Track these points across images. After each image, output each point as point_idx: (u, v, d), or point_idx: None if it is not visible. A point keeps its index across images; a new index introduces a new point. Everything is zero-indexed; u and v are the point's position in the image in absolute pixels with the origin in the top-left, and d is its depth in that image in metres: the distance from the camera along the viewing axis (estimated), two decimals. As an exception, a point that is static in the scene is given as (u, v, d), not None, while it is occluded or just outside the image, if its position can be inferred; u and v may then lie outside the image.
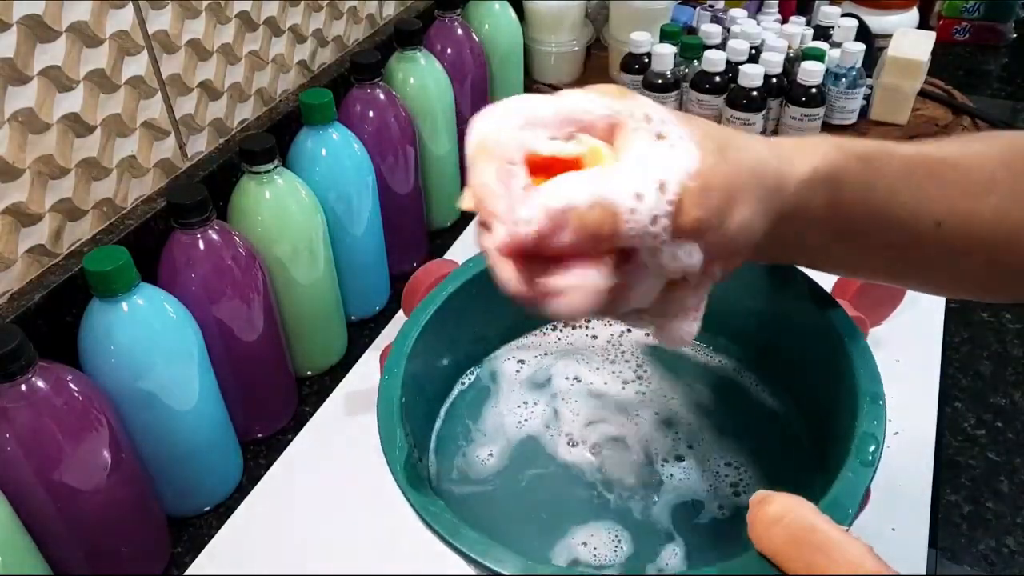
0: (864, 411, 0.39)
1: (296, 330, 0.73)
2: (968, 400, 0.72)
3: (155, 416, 0.58)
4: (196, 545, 0.63)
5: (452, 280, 0.49)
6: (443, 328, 0.48)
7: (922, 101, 1.03)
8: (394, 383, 0.42)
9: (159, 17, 0.65)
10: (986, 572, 0.59)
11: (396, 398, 0.42)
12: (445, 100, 0.86)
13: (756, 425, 0.49)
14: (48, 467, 0.50)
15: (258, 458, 0.70)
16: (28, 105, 0.56)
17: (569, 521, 0.45)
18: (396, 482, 0.38)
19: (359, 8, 0.91)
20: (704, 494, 0.46)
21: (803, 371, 0.48)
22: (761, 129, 0.96)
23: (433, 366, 0.49)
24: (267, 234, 0.67)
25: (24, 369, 0.48)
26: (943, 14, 1.32)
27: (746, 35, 1.01)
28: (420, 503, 0.37)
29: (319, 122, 0.72)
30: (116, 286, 0.53)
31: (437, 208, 0.93)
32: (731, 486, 0.46)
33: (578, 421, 0.50)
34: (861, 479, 0.36)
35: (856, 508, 0.35)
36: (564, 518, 0.45)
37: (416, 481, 0.38)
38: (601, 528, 0.45)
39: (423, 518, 0.36)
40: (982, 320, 0.81)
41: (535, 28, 1.09)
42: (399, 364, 0.44)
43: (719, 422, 0.50)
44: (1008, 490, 0.65)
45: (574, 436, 0.49)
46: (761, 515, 0.31)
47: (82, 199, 0.62)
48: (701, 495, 0.46)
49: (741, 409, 0.51)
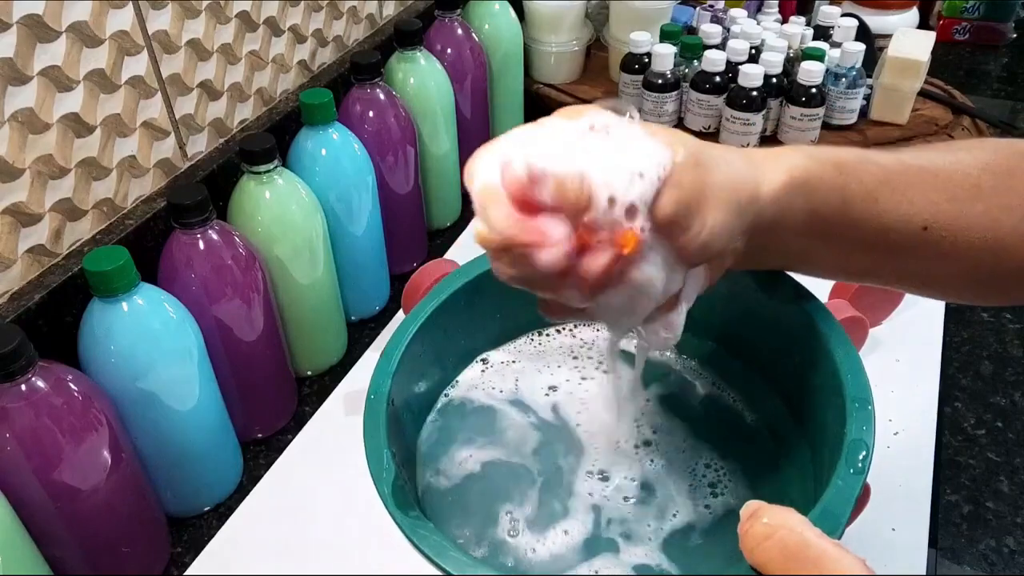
0: (853, 417, 0.39)
1: (296, 330, 0.73)
2: (968, 400, 0.72)
3: (155, 416, 0.58)
4: (196, 545, 0.63)
5: (448, 283, 0.49)
6: (438, 330, 0.48)
7: (922, 101, 1.03)
8: (379, 403, 0.42)
9: (159, 17, 0.65)
10: (986, 572, 0.59)
11: (382, 419, 0.42)
12: (445, 100, 0.86)
13: (741, 432, 0.49)
14: (48, 467, 0.50)
15: (258, 458, 0.70)
16: (28, 105, 0.56)
17: (549, 512, 0.45)
18: (383, 503, 0.38)
19: (359, 8, 0.91)
20: (684, 496, 0.46)
21: (790, 377, 0.47)
22: (761, 129, 0.96)
23: (423, 372, 0.49)
24: (267, 234, 0.67)
25: (24, 369, 0.48)
26: (943, 14, 1.32)
27: (746, 35, 1.01)
28: (408, 524, 0.37)
29: (319, 122, 0.72)
30: (116, 286, 0.53)
31: (437, 208, 0.93)
32: (709, 486, 0.46)
33: (568, 418, 0.50)
34: (852, 487, 0.36)
35: (847, 517, 0.35)
36: (548, 506, 0.45)
37: (403, 502, 0.38)
38: (579, 520, 0.45)
39: (411, 539, 0.36)
40: (982, 320, 0.81)
41: (535, 28, 1.09)
42: (384, 383, 0.43)
43: (703, 427, 0.49)
44: (1008, 490, 0.65)
45: (563, 435, 0.49)
46: (753, 529, 0.31)
47: (82, 199, 0.62)
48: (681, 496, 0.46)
49: (725, 416, 0.50)
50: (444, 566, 0.35)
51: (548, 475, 0.47)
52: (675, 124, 1.02)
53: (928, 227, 0.40)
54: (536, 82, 1.12)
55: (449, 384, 0.52)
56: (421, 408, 0.50)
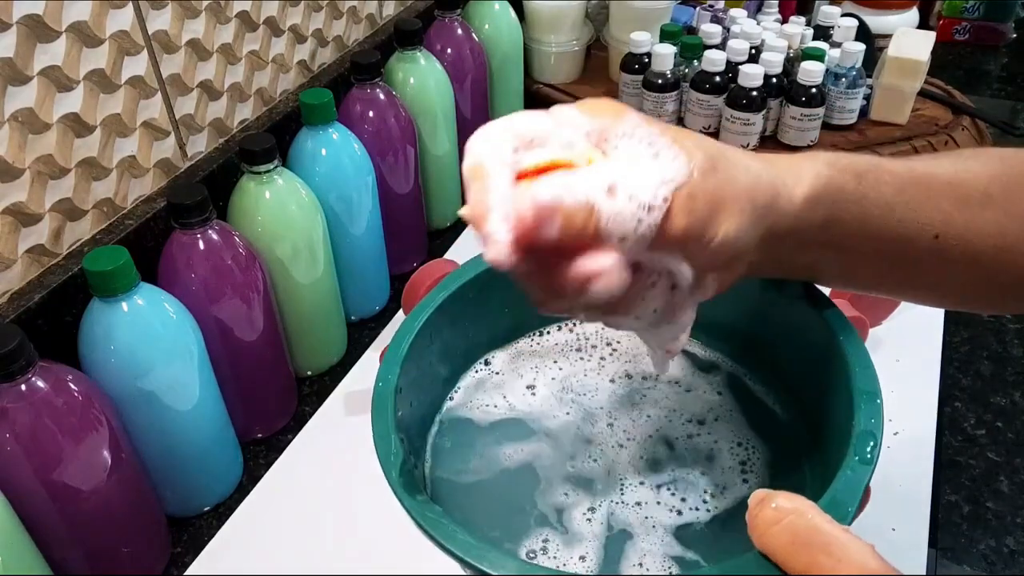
0: (862, 409, 0.39)
1: (296, 330, 0.73)
2: (968, 400, 0.72)
3: (155, 416, 0.58)
4: (196, 545, 0.63)
5: (448, 283, 0.49)
6: (440, 330, 0.48)
7: (922, 101, 1.03)
8: (387, 390, 0.42)
9: (159, 17, 0.65)
10: (986, 572, 0.59)
11: (390, 405, 0.42)
12: (445, 100, 0.86)
13: (752, 424, 0.49)
14: (48, 467, 0.50)
15: (258, 458, 0.70)
16: (28, 105, 0.56)
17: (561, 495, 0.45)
18: (391, 488, 0.38)
19: (359, 8, 0.91)
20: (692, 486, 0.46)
21: (799, 371, 0.48)
22: (761, 129, 0.96)
23: (430, 368, 0.49)
24: (267, 234, 0.67)
25: (24, 369, 0.48)
26: (943, 14, 1.32)
27: (746, 35, 1.01)
28: (416, 509, 0.37)
29: (319, 122, 0.72)
30: (116, 286, 0.53)
31: (437, 208, 0.93)
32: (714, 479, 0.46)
33: (575, 417, 0.50)
34: (860, 477, 0.36)
35: (856, 506, 0.35)
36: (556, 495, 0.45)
37: (411, 487, 0.38)
38: (591, 506, 0.45)
39: (419, 523, 0.36)
40: (982, 320, 0.81)
41: (535, 28, 1.09)
42: (393, 371, 0.43)
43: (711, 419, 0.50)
44: (1008, 490, 0.65)
45: (574, 428, 0.49)
46: (762, 515, 0.31)
47: (82, 199, 0.62)
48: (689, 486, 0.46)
49: (738, 409, 0.50)
50: (453, 549, 0.35)
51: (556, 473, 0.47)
52: (675, 124, 1.02)
53: (939, 235, 0.40)
54: (536, 82, 1.12)
55: (452, 387, 0.52)
56: (426, 408, 0.50)
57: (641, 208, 0.32)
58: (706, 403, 0.51)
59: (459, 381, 0.53)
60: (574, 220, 0.31)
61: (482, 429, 0.50)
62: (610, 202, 0.32)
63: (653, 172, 0.33)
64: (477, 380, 0.53)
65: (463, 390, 0.52)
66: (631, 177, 0.32)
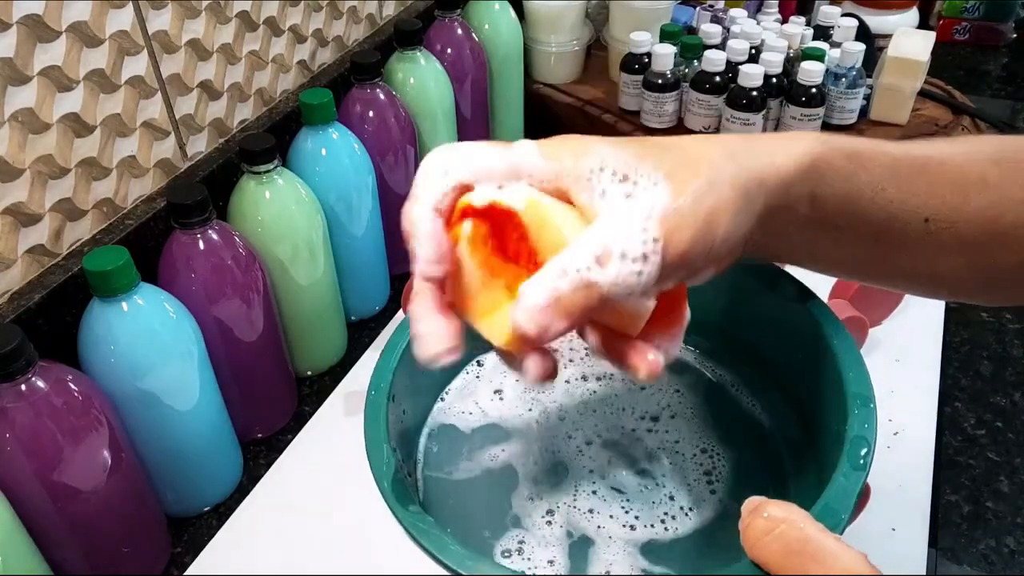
0: (854, 414, 0.39)
1: (296, 330, 0.73)
2: (968, 400, 0.72)
3: (155, 416, 0.58)
4: (196, 545, 0.63)
5: None
6: None
7: (922, 101, 1.03)
8: (380, 397, 0.42)
9: (159, 17, 0.65)
10: (986, 572, 0.59)
11: (383, 414, 0.41)
12: (445, 100, 0.86)
13: (742, 428, 0.49)
14: (48, 467, 0.50)
15: (258, 458, 0.70)
16: (28, 105, 0.56)
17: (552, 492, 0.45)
18: (384, 498, 0.38)
19: (359, 8, 0.91)
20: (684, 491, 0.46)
21: (791, 374, 0.47)
22: (761, 129, 0.96)
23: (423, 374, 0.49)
24: (267, 234, 0.67)
25: (24, 369, 0.48)
26: (943, 14, 1.32)
27: (746, 35, 1.01)
28: (408, 519, 0.37)
29: (319, 122, 0.72)
30: (116, 286, 0.53)
31: (437, 208, 0.93)
32: (707, 482, 0.46)
33: (568, 416, 0.50)
34: (853, 483, 0.36)
35: (849, 513, 0.35)
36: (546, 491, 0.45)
37: (403, 497, 0.38)
38: (586, 503, 0.45)
39: (412, 534, 0.36)
40: (982, 320, 0.81)
41: (535, 28, 1.09)
42: (385, 379, 0.43)
43: (703, 423, 0.49)
44: (1008, 490, 0.65)
45: (540, 431, 0.49)
46: (754, 524, 0.31)
47: (82, 199, 0.62)
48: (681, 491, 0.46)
49: (726, 412, 0.50)
50: (445, 561, 0.35)
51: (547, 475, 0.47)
52: (675, 124, 1.02)
53: (929, 219, 0.40)
54: (536, 82, 1.12)
55: (443, 390, 0.52)
56: (419, 413, 0.50)
57: (636, 262, 0.32)
58: (695, 404, 0.51)
59: (449, 384, 0.52)
60: (574, 310, 0.32)
61: (466, 435, 0.50)
62: (604, 272, 0.32)
63: (635, 215, 0.32)
64: (463, 383, 0.52)
65: (452, 392, 0.52)
66: (614, 234, 0.32)
